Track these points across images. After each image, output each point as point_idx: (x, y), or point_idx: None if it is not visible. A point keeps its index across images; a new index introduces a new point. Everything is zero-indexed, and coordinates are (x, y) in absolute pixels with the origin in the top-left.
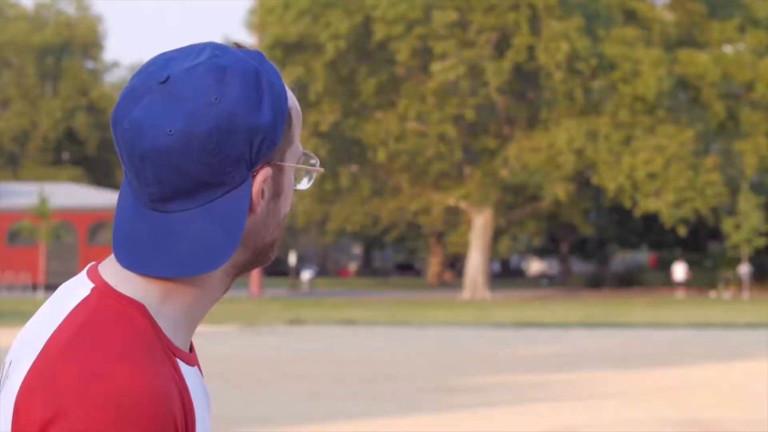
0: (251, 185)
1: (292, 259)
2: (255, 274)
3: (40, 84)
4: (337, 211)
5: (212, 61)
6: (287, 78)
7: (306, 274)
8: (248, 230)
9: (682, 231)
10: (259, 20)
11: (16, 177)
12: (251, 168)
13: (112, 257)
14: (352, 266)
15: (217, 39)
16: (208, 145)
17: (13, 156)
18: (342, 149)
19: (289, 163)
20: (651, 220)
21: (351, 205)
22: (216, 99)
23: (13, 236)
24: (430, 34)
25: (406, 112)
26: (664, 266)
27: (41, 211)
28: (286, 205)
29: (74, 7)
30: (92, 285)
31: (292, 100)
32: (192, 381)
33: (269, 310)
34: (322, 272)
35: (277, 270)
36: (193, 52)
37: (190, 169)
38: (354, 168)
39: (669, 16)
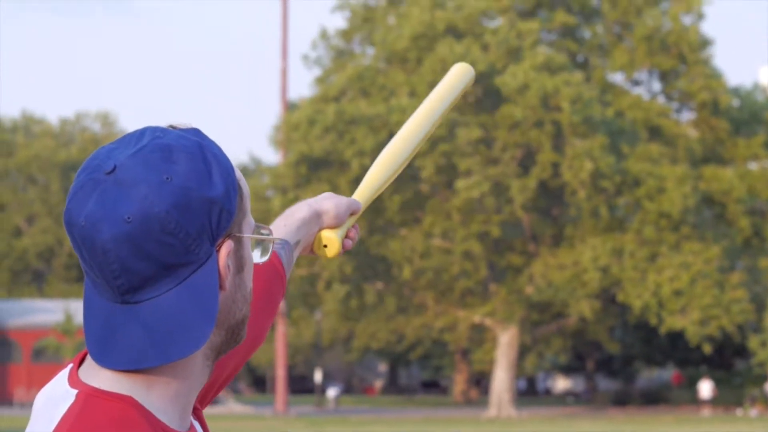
0: (217, 260)
1: (318, 376)
2: (280, 391)
3: (66, 201)
4: (363, 329)
5: (155, 142)
6: (313, 195)
7: (331, 392)
8: (220, 308)
9: (708, 348)
10: (284, 137)
11: (42, 294)
12: (214, 242)
13: (88, 361)
14: (378, 383)
15: (243, 156)
16: (168, 225)
17: (38, 273)
18: (367, 266)
19: (247, 235)
20: (677, 337)
21: (376, 322)
22: (167, 177)
23: (38, 353)
24: (455, 151)
25: (431, 229)
26: (691, 384)
27: (66, 328)
28: (248, 279)
29: (100, 123)
30: (76, 391)
31: (237, 172)
32: None
33: (295, 428)
34: (347, 390)
35: (303, 387)
36: (132, 138)
37: (153, 252)
38: (379, 285)
39: (693, 133)
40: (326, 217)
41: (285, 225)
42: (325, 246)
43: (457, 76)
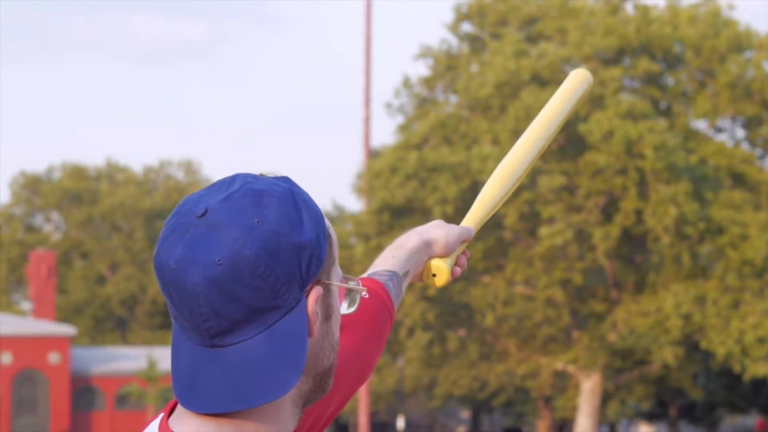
0: (306, 306)
1: (400, 423)
2: None
3: (149, 248)
4: (445, 375)
5: (246, 187)
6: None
7: None
8: (308, 354)
9: None
10: (366, 185)
11: (125, 341)
12: (303, 287)
13: (178, 409)
14: (461, 430)
15: (327, 204)
16: (258, 268)
17: (121, 320)
18: (450, 313)
19: (336, 283)
20: (760, 384)
21: (459, 369)
22: (258, 221)
23: (122, 400)
24: (538, 199)
25: (513, 277)
26: None
27: (150, 375)
28: (336, 328)
29: (183, 171)
30: None
31: (326, 220)
32: None
33: None
34: None
35: None
36: (223, 184)
37: (243, 295)
38: (462, 332)
39: None
40: (436, 246)
41: (393, 256)
42: (434, 275)
43: (576, 82)
